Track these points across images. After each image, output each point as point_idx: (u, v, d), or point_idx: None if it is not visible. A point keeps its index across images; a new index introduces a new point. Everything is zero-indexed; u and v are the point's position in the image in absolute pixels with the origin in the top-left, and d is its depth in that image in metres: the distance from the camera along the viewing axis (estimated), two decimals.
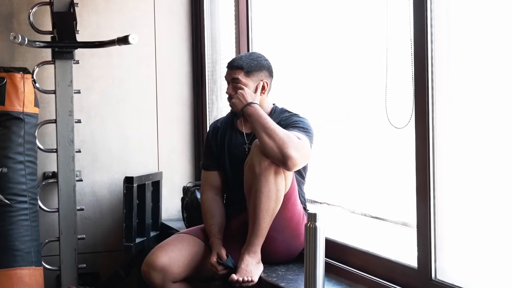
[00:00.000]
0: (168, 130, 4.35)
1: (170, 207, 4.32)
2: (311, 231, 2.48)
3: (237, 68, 3.02)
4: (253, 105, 2.87)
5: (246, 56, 3.08)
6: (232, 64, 3.05)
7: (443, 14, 2.26)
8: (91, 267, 4.06)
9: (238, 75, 3.00)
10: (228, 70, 3.07)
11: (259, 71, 3.02)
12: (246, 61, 3.03)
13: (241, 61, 3.03)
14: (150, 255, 2.97)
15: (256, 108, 2.85)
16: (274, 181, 2.76)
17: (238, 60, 3.06)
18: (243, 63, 3.02)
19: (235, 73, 3.01)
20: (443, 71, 2.27)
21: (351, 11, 3.01)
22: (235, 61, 3.06)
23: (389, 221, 2.79)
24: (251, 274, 2.79)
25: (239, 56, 3.12)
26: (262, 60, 3.05)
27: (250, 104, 2.87)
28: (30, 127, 3.68)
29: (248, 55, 3.10)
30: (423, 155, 2.31)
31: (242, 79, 3.00)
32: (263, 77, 3.03)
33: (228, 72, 3.06)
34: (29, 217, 3.65)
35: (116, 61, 4.21)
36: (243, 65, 3.01)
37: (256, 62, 3.03)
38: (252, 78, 3.01)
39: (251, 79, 3.01)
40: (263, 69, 3.03)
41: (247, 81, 3.00)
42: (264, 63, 3.04)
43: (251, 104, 2.87)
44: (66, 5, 3.82)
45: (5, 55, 4.02)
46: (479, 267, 2.17)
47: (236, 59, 3.08)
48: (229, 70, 3.06)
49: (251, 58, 3.05)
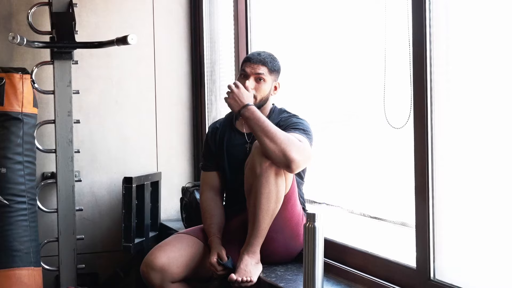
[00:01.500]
0: (167, 130, 4.35)
1: (169, 208, 4.32)
2: (310, 231, 2.49)
3: (263, 63, 2.97)
4: (250, 107, 2.82)
5: (266, 53, 3.02)
6: (257, 58, 2.98)
7: (442, 14, 2.26)
8: (90, 268, 4.06)
9: (263, 71, 2.96)
10: (249, 63, 2.98)
11: (277, 72, 3.02)
12: (269, 59, 2.99)
13: (265, 57, 2.98)
14: (149, 255, 2.97)
15: (253, 110, 2.82)
16: (274, 182, 2.76)
17: (262, 55, 2.99)
18: (268, 60, 2.98)
19: (260, 68, 2.96)
20: (441, 71, 2.27)
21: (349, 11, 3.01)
22: (260, 55, 2.99)
23: (388, 221, 2.79)
24: (250, 274, 2.79)
25: (261, 53, 3.03)
26: (279, 62, 3.04)
27: (247, 106, 2.82)
28: (29, 127, 3.68)
29: (268, 54, 3.03)
30: (422, 155, 2.31)
31: (265, 76, 2.97)
32: (277, 79, 3.04)
33: (250, 66, 2.97)
34: (28, 217, 3.65)
35: (115, 61, 4.22)
36: (268, 61, 2.97)
37: (276, 62, 3.01)
38: (272, 77, 3.00)
39: (271, 78, 3.00)
40: (279, 71, 3.04)
41: (268, 79, 2.98)
42: (280, 66, 3.04)
43: (248, 106, 2.82)
44: (65, 6, 3.82)
45: (4, 55, 4.02)
46: (477, 267, 2.17)
47: (259, 53, 3.01)
48: (253, 64, 2.97)
49: (272, 57, 3.01)
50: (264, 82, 2.98)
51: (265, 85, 2.99)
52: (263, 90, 2.98)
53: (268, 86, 3.00)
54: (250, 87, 2.94)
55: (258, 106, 2.91)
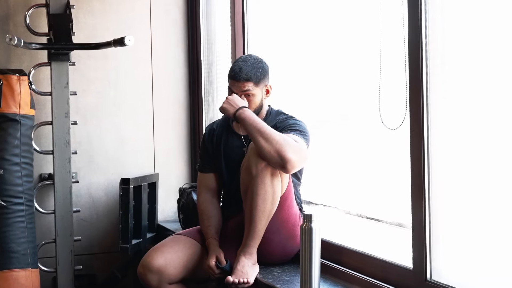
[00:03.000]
0: (164, 131, 4.35)
1: (166, 209, 4.32)
2: (307, 232, 2.49)
3: (247, 80, 2.97)
4: (245, 109, 2.84)
5: (250, 65, 2.98)
6: (241, 76, 2.96)
7: (438, 15, 2.26)
8: (88, 269, 4.06)
9: (248, 87, 2.96)
10: (234, 82, 2.98)
11: (264, 77, 3.01)
12: (252, 72, 2.97)
13: (248, 72, 2.96)
14: (146, 257, 2.98)
15: (248, 112, 2.83)
16: (270, 183, 2.76)
17: (244, 71, 2.96)
18: (251, 75, 2.96)
19: (245, 85, 2.96)
20: (437, 71, 2.27)
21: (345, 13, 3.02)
22: (242, 72, 2.96)
23: (384, 222, 2.80)
24: (247, 275, 2.79)
25: (243, 67, 2.98)
26: (264, 65, 3.02)
27: (241, 108, 2.84)
28: (26, 128, 3.68)
29: (252, 63, 2.99)
30: (418, 156, 2.32)
31: (253, 90, 2.97)
32: (266, 82, 3.03)
33: (235, 84, 2.97)
34: (25, 218, 3.65)
35: (112, 63, 4.22)
36: (251, 76, 2.96)
37: (261, 70, 2.99)
38: (259, 87, 3.00)
39: (259, 88, 3.00)
40: (266, 75, 3.03)
41: (256, 90, 2.99)
42: (266, 68, 3.03)
43: (242, 108, 2.84)
44: (62, 7, 3.82)
45: (1, 57, 4.02)
46: (474, 267, 2.18)
47: (241, 70, 2.97)
48: (237, 82, 2.97)
49: (254, 66, 2.98)
50: (253, 96, 2.99)
51: (256, 97, 3.00)
52: (255, 102, 3.00)
53: (258, 97, 3.00)
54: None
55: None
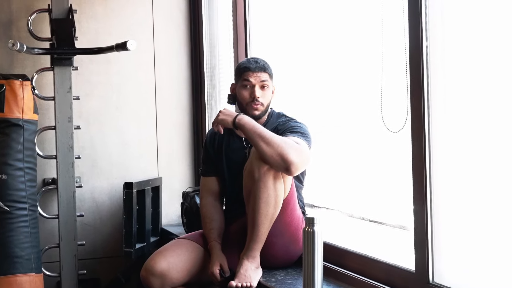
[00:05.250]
0: (167, 135, 4.36)
1: (170, 212, 4.33)
2: (309, 236, 2.49)
3: (264, 70, 2.99)
4: (242, 115, 2.85)
5: (261, 59, 3.03)
6: (259, 66, 2.98)
7: (438, 18, 2.26)
8: (91, 273, 4.07)
9: (266, 77, 2.99)
10: (250, 73, 2.98)
11: (273, 76, 3.05)
12: (266, 64, 3.01)
13: (263, 63, 3.00)
14: (149, 261, 2.98)
15: (247, 118, 2.84)
16: (273, 187, 2.76)
17: (261, 62, 3.00)
18: (267, 66, 3.00)
19: (263, 75, 2.98)
20: (438, 74, 2.27)
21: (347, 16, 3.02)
22: (258, 63, 3.00)
23: (387, 224, 2.80)
24: (250, 279, 2.79)
25: (257, 59, 3.04)
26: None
27: (238, 115, 2.85)
28: (30, 133, 3.69)
29: (262, 59, 3.05)
30: (420, 158, 2.32)
31: (268, 82, 3.00)
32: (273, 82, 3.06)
33: (253, 75, 2.98)
34: (29, 223, 3.66)
35: (115, 67, 4.23)
36: (267, 68, 3.00)
37: (271, 67, 3.03)
38: (272, 81, 3.03)
39: (271, 83, 3.03)
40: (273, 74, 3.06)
41: (270, 84, 3.01)
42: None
43: (240, 115, 2.85)
44: (65, 12, 3.83)
45: (4, 62, 4.03)
46: (476, 270, 2.18)
47: (258, 61, 3.01)
48: (257, 72, 2.98)
49: (267, 62, 3.03)
50: (268, 88, 3.01)
51: (269, 91, 3.03)
52: (268, 96, 3.02)
53: (270, 92, 3.03)
54: (259, 95, 2.98)
55: (264, 113, 2.99)
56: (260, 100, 2.98)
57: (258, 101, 2.98)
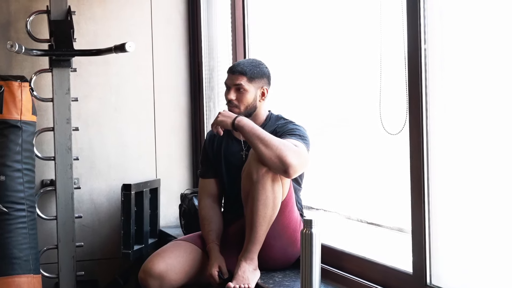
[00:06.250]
0: (165, 137, 4.36)
1: (168, 214, 4.33)
2: (307, 238, 2.50)
3: (240, 73, 2.99)
4: (242, 117, 2.85)
5: (248, 62, 3.06)
6: (235, 69, 3.01)
7: (437, 21, 2.27)
8: (90, 275, 4.07)
9: (241, 81, 2.98)
10: (229, 75, 3.03)
11: (261, 78, 3.02)
12: (248, 67, 3.01)
13: (244, 66, 3.01)
14: (147, 262, 2.98)
15: (246, 120, 2.84)
16: (271, 189, 2.76)
17: (241, 65, 3.03)
18: (246, 69, 3.00)
19: (238, 79, 2.99)
20: (436, 77, 2.28)
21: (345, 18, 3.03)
22: (238, 66, 3.03)
23: (384, 227, 2.80)
24: (247, 281, 2.79)
25: (241, 62, 3.10)
26: (263, 67, 3.05)
27: (238, 117, 2.85)
28: (28, 135, 3.69)
29: (250, 61, 3.07)
30: (418, 161, 2.32)
31: (245, 85, 2.98)
32: (263, 84, 3.03)
33: (230, 77, 3.02)
34: (27, 225, 3.66)
35: (114, 69, 4.23)
36: (246, 71, 2.99)
37: (258, 69, 3.02)
38: (254, 85, 3.01)
39: (253, 86, 3.01)
40: (264, 76, 3.04)
41: (249, 87, 2.99)
42: (265, 71, 3.05)
43: (239, 117, 2.85)
44: (63, 14, 3.83)
45: (3, 63, 4.03)
46: (474, 272, 2.18)
47: (238, 64, 3.05)
48: (231, 75, 3.02)
49: (253, 64, 3.03)
50: (245, 91, 2.99)
51: (247, 94, 3.00)
52: (246, 99, 3.00)
53: (251, 95, 3.01)
54: (232, 98, 2.98)
55: (245, 115, 2.94)
56: (234, 102, 2.98)
57: (231, 104, 2.99)
